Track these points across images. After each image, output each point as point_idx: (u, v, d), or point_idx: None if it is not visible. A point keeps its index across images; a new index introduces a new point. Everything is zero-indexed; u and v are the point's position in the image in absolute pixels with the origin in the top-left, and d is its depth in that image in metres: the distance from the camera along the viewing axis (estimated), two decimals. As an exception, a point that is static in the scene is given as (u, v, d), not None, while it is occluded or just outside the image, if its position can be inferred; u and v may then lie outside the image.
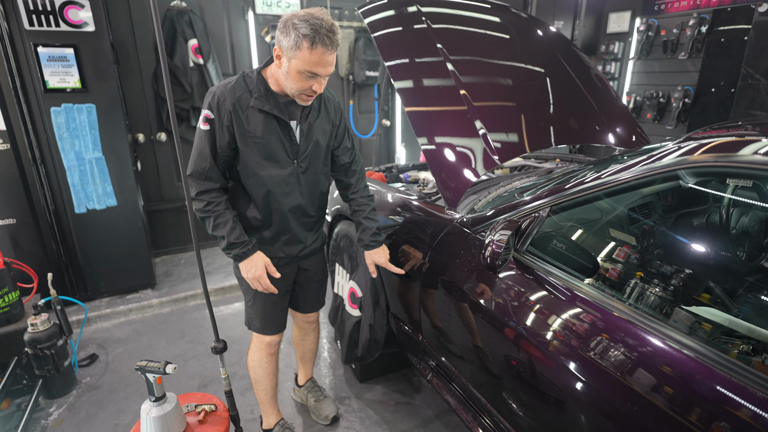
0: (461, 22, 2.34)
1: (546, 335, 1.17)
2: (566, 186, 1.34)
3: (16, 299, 2.28)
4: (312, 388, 2.12)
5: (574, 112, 2.35)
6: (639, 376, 0.98)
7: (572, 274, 1.26)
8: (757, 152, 1.04)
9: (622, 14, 4.79)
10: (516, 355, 1.27)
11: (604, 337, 1.07)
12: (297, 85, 1.38)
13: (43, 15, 2.39)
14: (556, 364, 1.13)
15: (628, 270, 1.40)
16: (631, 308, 1.10)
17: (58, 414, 2.11)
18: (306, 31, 1.28)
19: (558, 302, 1.20)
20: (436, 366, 1.76)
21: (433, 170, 1.79)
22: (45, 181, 2.63)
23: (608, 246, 1.45)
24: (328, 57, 1.33)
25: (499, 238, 1.18)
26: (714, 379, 0.89)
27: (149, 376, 1.32)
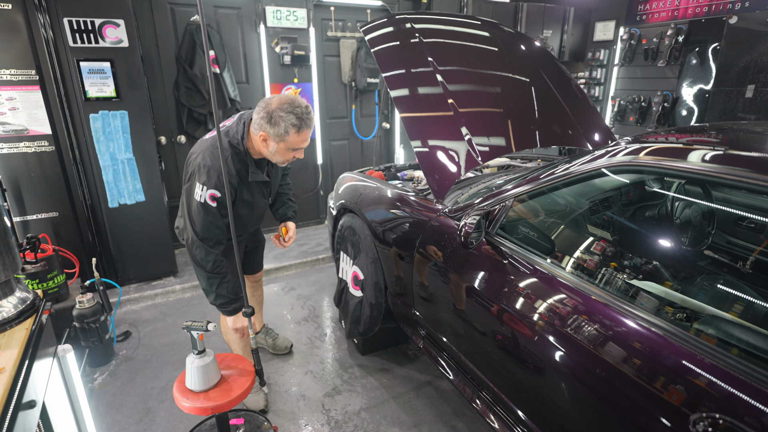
0: (451, 37, 2.66)
1: (512, 301, 1.50)
2: (527, 180, 1.66)
3: (63, 282, 2.63)
4: (267, 332, 2.63)
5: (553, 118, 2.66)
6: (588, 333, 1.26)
7: (534, 253, 1.59)
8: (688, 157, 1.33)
9: (607, 23, 5.11)
10: (489, 320, 1.59)
11: (557, 302, 1.39)
12: (284, 158, 1.77)
13: (84, 33, 2.73)
14: (521, 325, 1.45)
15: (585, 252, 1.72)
16: (580, 278, 1.42)
17: (101, 379, 2.45)
18: (294, 121, 1.64)
19: (521, 274, 1.53)
20: (426, 334, 2.09)
21: (424, 169, 2.11)
22: (83, 178, 2.98)
23: (567, 232, 1.77)
24: (309, 133, 1.73)
25: (470, 221, 1.51)
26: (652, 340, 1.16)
27: (194, 333, 1.65)
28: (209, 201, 1.71)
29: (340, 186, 2.89)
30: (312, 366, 2.54)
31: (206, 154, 1.72)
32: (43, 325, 1.31)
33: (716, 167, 1.21)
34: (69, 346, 1.41)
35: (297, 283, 3.57)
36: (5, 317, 1.13)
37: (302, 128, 1.66)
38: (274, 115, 1.64)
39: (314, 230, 4.55)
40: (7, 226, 1.16)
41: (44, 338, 1.27)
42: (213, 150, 1.72)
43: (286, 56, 3.93)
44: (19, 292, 1.24)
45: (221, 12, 3.71)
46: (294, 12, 3.91)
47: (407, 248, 2.07)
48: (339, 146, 4.64)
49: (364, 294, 2.47)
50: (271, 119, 1.65)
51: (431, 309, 1.99)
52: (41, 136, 2.81)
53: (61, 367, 1.38)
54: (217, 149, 1.68)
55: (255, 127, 1.71)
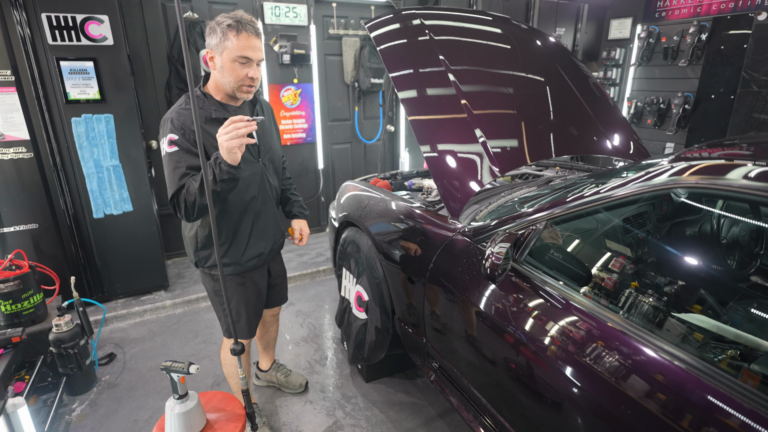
0: (463, 34, 2.44)
1: (542, 341, 1.27)
2: (564, 200, 1.43)
3: (40, 301, 2.40)
4: (278, 368, 2.35)
5: (573, 122, 2.43)
6: (632, 382, 1.07)
7: (567, 284, 1.36)
8: (745, 176, 1.11)
9: (623, 21, 4.87)
10: (514, 359, 1.36)
11: (598, 344, 1.16)
12: (233, 76, 1.50)
13: (65, 30, 2.51)
14: (552, 368, 1.23)
15: (622, 279, 1.49)
16: (622, 317, 1.19)
17: (80, 410, 2.23)
18: (229, 22, 1.45)
19: (553, 310, 1.30)
20: (439, 367, 1.86)
21: (436, 179, 1.88)
22: (65, 187, 2.76)
23: (603, 256, 1.54)
24: (255, 41, 1.49)
25: (499, 250, 1.28)
26: (702, 388, 0.97)
27: (174, 375, 1.43)
28: (168, 147, 1.49)
29: (342, 195, 2.67)
30: (311, 395, 2.32)
31: (165, 114, 1.58)
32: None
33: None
34: (21, 400, 1.19)
35: (296, 297, 3.35)
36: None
37: (241, 30, 1.45)
38: (212, 25, 1.49)
39: (314, 239, 4.32)
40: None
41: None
42: (172, 107, 1.58)
43: (285, 55, 3.70)
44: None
45: (216, 8, 3.48)
46: (294, 8, 3.68)
47: (418, 271, 1.84)
48: (341, 150, 4.41)
49: (368, 317, 2.24)
50: (210, 30, 1.49)
51: (446, 341, 1.76)
52: (18, 142, 2.59)
53: (10, 426, 1.16)
54: (174, 105, 1.57)
55: (205, 51, 1.54)
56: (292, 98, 3.93)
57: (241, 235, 1.71)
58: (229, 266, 1.72)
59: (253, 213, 1.72)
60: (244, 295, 1.79)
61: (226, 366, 1.96)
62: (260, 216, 1.75)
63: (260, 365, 2.36)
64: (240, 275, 1.76)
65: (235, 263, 1.72)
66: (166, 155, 1.51)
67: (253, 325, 1.87)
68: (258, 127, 1.62)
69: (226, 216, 1.66)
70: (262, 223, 1.77)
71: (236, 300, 1.78)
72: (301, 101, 3.97)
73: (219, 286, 1.72)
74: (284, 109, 3.92)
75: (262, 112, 1.76)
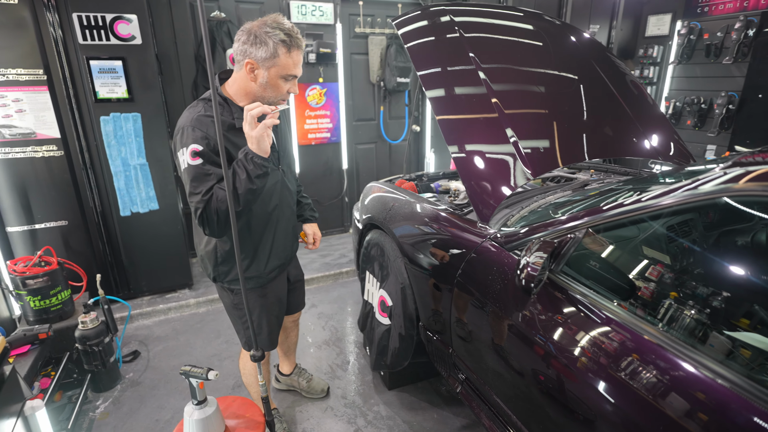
0: (494, 31, 2.34)
1: (578, 357, 1.17)
2: (605, 207, 1.33)
3: (68, 297, 2.43)
4: (300, 372, 2.30)
5: (609, 122, 2.31)
6: (671, 402, 0.98)
7: (607, 296, 1.25)
8: None
9: (662, 17, 4.64)
10: (548, 375, 1.27)
11: (637, 362, 1.06)
12: (276, 92, 1.43)
13: (95, 30, 2.53)
14: (588, 386, 1.13)
15: (665, 292, 1.38)
16: (667, 335, 1.09)
17: (104, 407, 2.24)
18: (282, 37, 1.34)
19: (592, 325, 1.20)
20: (466, 379, 1.77)
21: (465, 181, 1.80)
22: (94, 185, 2.79)
23: (645, 266, 1.42)
24: (301, 57, 1.43)
25: (535, 260, 1.19)
26: (750, 410, 0.88)
27: (192, 380, 1.40)
28: (191, 159, 1.36)
29: (367, 197, 2.61)
30: (332, 401, 2.26)
31: (180, 121, 1.43)
32: (3, 379, 1.06)
33: None
34: (39, 402, 1.17)
35: (318, 299, 3.31)
36: (-60, 385, 0.88)
37: (292, 47, 1.37)
38: (259, 34, 1.34)
39: (338, 239, 4.28)
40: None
41: (4, 397, 1.03)
42: (186, 113, 1.43)
43: (311, 54, 3.67)
44: (-30, 344, 0.99)
45: (243, 7, 3.48)
46: (320, 7, 3.65)
47: (445, 278, 1.76)
48: (366, 150, 4.35)
49: (392, 323, 2.17)
50: (256, 40, 1.35)
51: (474, 352, 1.67)
52: (49, 140, 2.63)
53: (28, 428, 1.14)
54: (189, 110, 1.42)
55: (239, 56, 1.40)
56: (318, 98, 3.89)
57: (263, 247, 1.63)
58: (252, 279, 1.64)
59: (275, 223, 1.64)
60: (266, 307, 1.73)
61: (245, 375, 1.92)
62: (280, 225, 1.67)
63: (281, 369, 2.32)
64: (261, 287, 1.69)
65: (257, 276, 1.65)
66: (189, 168, 1.37)
67: (274, 336, 1.81)
68: (276, 131, 1.58)
69: (250, 228, 1.58)
70: (283, 232, 1.69)
71: (257, 312, 1.71)
72: (326, 101, 3.93)
73: (238, 299, 1.65)
74: (309, 108, 3.89)
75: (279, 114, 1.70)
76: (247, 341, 1.77)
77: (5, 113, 2.50)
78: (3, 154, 2.55)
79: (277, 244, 1.67)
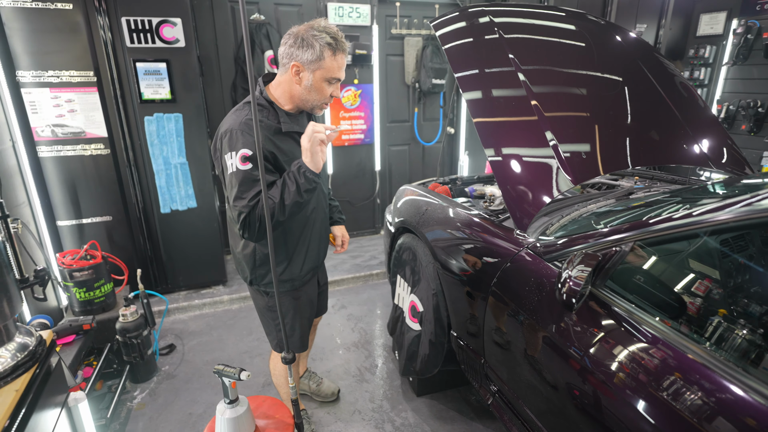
0: (535, 32, 2.27)
1: (621, 376, 1.11)
2: (653, 220, 1.25)
3: (110, 290, 2.54)
4: (310, 376, 2.30)
5: (655, 126, 2.19)
6: (718, 427, 0.91)
7: (654, 313, 1.18)
8: None
9: (716, 15, 4.39)
10: (585, 391, 1.21)
11: (682, 383, 0.99)
12: (320, 95, 1.46)
13: (142, 33, 2.63)
14: (629, 405, 1.07)
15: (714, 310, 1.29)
16: (715, 355, 1.01)
17: (141, 398, 2.32)
18: (328, 40, 1.37)
19: (636, 342, 1.13)
20: (498, 391, 1.72)
21: (502, 187, 1.75)
22: (137, 183, 2.90)
23: (692, 280, 1.33)
24: (344, 61, 1.46)
25: (578, 274, 1.13)
26: None
27: (225, 379, 1.41)
28: (241, 165, 1.36)
29: (400, 200, 2.59)
30: (360, 404, 2.26)
31: (226, 123, 1.44)
32: (50, 370, 1.11)
33: None
34: (82, 395, 1.21)
35: (348, 300, 3.32)
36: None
37: (338, 50, 1.40)
38: (306, 37, 1.37)
39: (369, 240, 4.28)
40: (4, 262, 0.96)
41: (50, 388, 1.07)
42: (233, 116, 1.44)
43: (347, 56, 3.68)
44: (19, 337, 1.04)
45: (282, 9, 3.53)
46: (357, 8, 3.65)
47: (479, 286, 1.71)
48: (399, 152, 4.33)
49: (422, 329, 2.14)
50: (303, 43, 1.37)
51: (508, 363, 1.62)
52: (97, 139, 2.75)
53: (71, 419, 1.18)
54: (236, 113, 1.43)
55: (284, 59, 1.42)
56: (352, 99, 3.90)
57: (299, 251, 1.64)
58: (287, 282, 1.65)
59: (311, 226, 1.66)
60: (299, 309, 1.74)
61: (276, 376, 1.94)
62: (315, 228, 1.69)
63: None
64: (295, 290, 1.70)
65: (292, 279, 1.66)
66: (238, 172, 1.37)
67: (305, 338, 1.82)
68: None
69: (289, 233, 1.59)
70: (317, 235, 1.71)
71: (290, 315, 1.73)
72: (360, 102, 3.94)
73: (273, 302, 1.66)
74: (344, 109, 3.91)
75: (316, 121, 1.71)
76: (278, 343, 1.78)
77: (58, 113, 2.64)
78: (55, 152, 2.69)
79: (312, 248, 1.69)
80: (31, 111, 2.59)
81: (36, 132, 2.63)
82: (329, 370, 2.51)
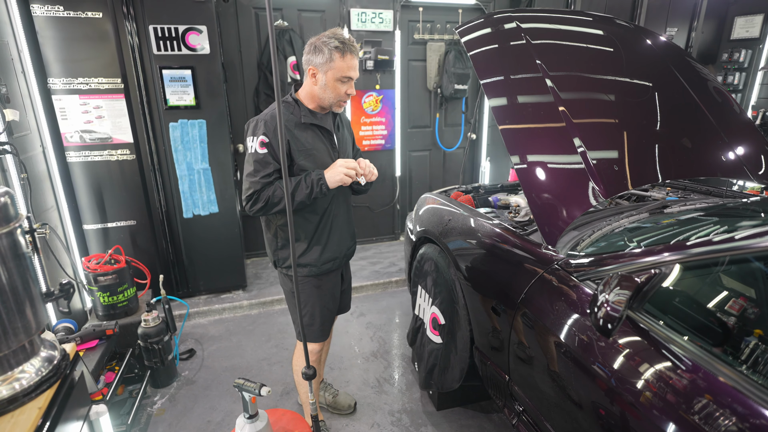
0: (562, 37, 2.21)
1: (660, 407, 1.04)
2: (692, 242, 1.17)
3: (133, 294, 2.56)
4: (326, 387, 2.30)
5: (688, 133, 2.09)
6: None
7: (696, 341, 1.11)
8: None
9: (752, 18, 4.22)
10: (618, 417, 1.14)
11: (728, 419, 0.92)
12: (335, 93, 1.64)
13: (168, 40, 2.66)
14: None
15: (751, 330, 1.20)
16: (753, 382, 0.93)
17: (161, 403, 2.33)
18: (336, 44, 1.57)
19: (680, 375, 1.06)
20: (523, 411, 1.66)
21: (529, 197, 1.69)
22: (161, 188, 2.93)
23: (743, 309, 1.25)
24: (355, 61, 1.63)
25: (616, 299, 1.07)
26: None
27: (245, 394, 1.40)
28: (259, 149, 1.61)
29: (421, 208, 2.54)
30: (379, 417, 2.22)
31: (259, 115, 1.68)
32: (73, 384, 1.10)
33: None
34: (104, 408, 1.20)
35: (367, 307, 3.28)
36: (16, 391, 0.92)
37: (346, 51, 1.59)
38: (317, 44, 1.60)
39: (388, 247, 4.25)
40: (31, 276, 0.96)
41: (72, 402, 1.06)
42: (266, 109, 1.70)
43: (369, 61, 3.66)
44: (44, 351, 1.04)
45: (305, 16, 3.54)
46: (380, 14, 3.63)
47: (505, 302, 1.66)
48: (419, 157, 4.29)
49: (444, 342, 2.09)
50: (315, 49, 1.61)
51: (534, 383, 1.55)
52: (124, 145, 2.80)
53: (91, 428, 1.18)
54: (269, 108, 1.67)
55: (304, 66, 1.66)
56: (374, 104, 3.88)
57: (319, 238, 1.76)
58: (306, 267, 1.77)
59: (332, 216, 1.79)
60: (320, 297, 1.83)
61: (297, 373, 1.96)
62: (338, 220, 1.81)
63: None
64: (317, 277, 1.80)
65: (312, 264, 1.77)
66: (255, 153, 1.61)
67: (326, 328, 1.90)
68: (338, 134, 1.80)
69: (307, 219, 1.74)
70: (339, 226, 1.82)
71: (312, 303, 1.82)
72: (381, 107, 3.91)
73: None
74: (365, 115, 3.89)
75: (341, 122, 1.85)
76: (300, 331, 1.78)
77: (86, 119, 2.69)
78: (83, 157, 2.74)
79: (333, 238, 1.80)
80: (60, 117, 2.65)
81: (65, 138, 2.68)
82: (348, 380, 2.48)
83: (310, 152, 1.68)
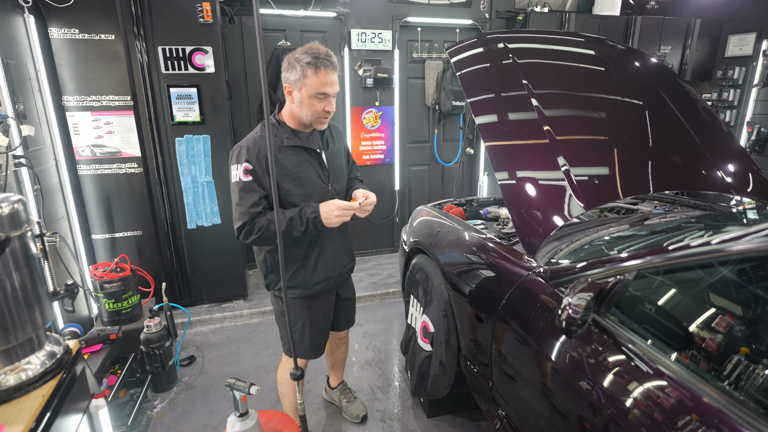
0: (550, 57, 2.30)
1: (623, 406, 1.10)
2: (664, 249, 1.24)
3: (137, 302, 2.66)
4: (344, 390, 2.32)
5: (676, 151, 2.16)
6: None
7: (659, 345, 1.17)
8: None
9: (744, 36, 4.30)
10: (593, 422, 1.20)
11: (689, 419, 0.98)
12: (311, 110, 1.57)
13: (175, 60, 2.81)
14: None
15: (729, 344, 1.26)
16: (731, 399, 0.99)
17: (161, 407, 2.41)
18: (308, 59, 1.49)
19: (640, 375, 1.13)
20: (506, 416, 1.71)
21: (512, 211, 1.77)
22: (166, 200, 3.06)
23: (706, 314, 1.31)
24: (331, 77, 1.53)
25: (577, 302, 1.14)
26: None
27: (236, 393, 1.47)
28: (243, 176, 1.56)
29: (415, 220, 2.63)
30: (371, 424, 2.27)
31: (241, 141, 1.64)
32: (75, 378, 1.19)
33: None
34: (102, 402, 1.29)
35: (364, 318, 3.35)
36: (22, 380, 1.01)
37: (319, 66, 1.49)
38: (291, 61, 1.53)
39: (387, 259, 4.33)
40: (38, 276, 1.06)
41: (74, 394, 1.15)
42: (248, 135, 1.65)
43: (369, 79, 3.80)
44: (48, 345, 1.13)
45: (307, 36, 3.69)
46: (379, 34, 3.78)
47: (487, 309, 1.73)
48: (418, 172, 4.39)
49: (433, 349, 2.16)
50: (289, 65, 1.54)
51: (515, 389, 1.62)
52: (132, 158, 2.94)
53: (92, 425, 1.26)
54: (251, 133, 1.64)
55: (283, 83, 1.59)
56: (373, 120, 4.01)
57: (309, 260, 1.75)
58: (296, 289, 1.76)
59: (321, 237, 1.75)
60: (310, 317, 1.82)
61: (281, 385, 1.99)
62: (329, 240, 1.79)
63: (330, 381, 2.38)
64: (306, 298, 1.79)
65: (302, 287, 1.77)
66: (240, 182, 1.57)
67: (317, 345, 1.89)
68: (327, 152, 1.74)
69: (296, 243, 1.71)
70: (331, 247, 1.80)
71: (301, 322, 1.82)
72: (381, 123, 4.04)
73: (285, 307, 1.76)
74: (364, 130, 4.02)
75: (331, 136, 1.79)
76: (289, 348, 1.85)
77: (97, 134, 2.83)
78: (93, 170, 2.88)
79: (325, 258, 1.78)
80: (73, 132, 2.80)
81: (77, 152, 2.83)
82: (342, 387, 2.54)
83: (296, 175, 1.63)
